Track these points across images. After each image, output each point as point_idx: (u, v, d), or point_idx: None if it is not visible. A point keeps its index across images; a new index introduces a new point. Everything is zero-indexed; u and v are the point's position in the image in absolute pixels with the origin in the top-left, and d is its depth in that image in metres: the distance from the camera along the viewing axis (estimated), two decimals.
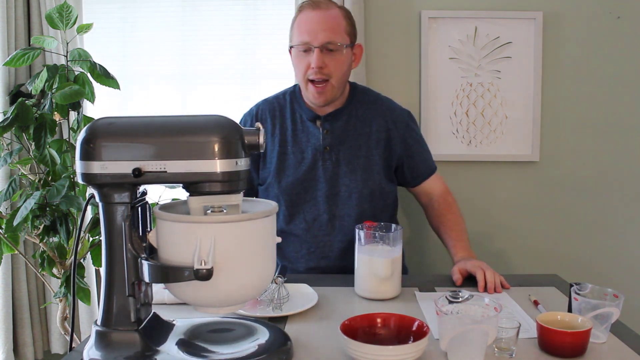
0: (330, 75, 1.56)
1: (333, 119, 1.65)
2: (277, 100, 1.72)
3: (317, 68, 1.54)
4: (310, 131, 1.65)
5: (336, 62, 1.56)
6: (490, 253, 2.25)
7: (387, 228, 1.39)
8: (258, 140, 0.98)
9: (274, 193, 1.66)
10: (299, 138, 1.65)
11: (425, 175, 1.74)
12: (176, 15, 2.24)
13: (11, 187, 1.84)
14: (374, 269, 1.33)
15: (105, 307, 1.00)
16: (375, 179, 1.65)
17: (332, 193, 1.64)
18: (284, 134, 1.67)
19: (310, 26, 1.55)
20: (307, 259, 1.65)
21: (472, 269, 1.44)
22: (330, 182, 1.63)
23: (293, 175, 1.64)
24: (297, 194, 1.64)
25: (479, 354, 0.99)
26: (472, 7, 2.16)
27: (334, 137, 1.64)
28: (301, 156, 1.64)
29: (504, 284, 1.42)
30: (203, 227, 0.92)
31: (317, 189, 1.64)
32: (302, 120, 1.67)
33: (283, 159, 1.65)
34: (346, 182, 1.63)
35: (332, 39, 1.54)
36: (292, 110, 1.69)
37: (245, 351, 1.00)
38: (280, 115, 1.69)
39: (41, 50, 1.85)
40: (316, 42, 1.53)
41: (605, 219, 2.26)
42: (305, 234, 1.65)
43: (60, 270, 1.90)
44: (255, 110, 1.72)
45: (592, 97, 2.21)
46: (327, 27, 1.54)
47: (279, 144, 1.66)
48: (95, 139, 0.94)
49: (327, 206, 1.63)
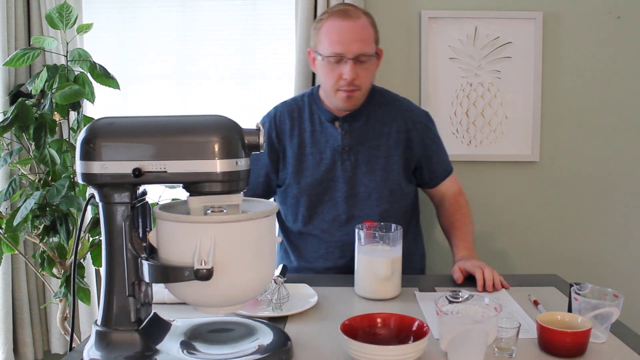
0: (361, 86, 1.56)
1: (352, 120, 1.64)
2: (295, 103, 1.72)
3: (350, 80, 1.53)
4: (329, 132, 1.65)
5: (367, 72, 1.56)
6: (491, 253, 2.25)
7: (387, 228, 1.39)
8: (258, 140, 0.98)
9: (292, 194, 1.66)
10: (318, 139, 1.65)
11: (442, 176, 1.75)
12: (176, 15, 2.24)
13: (11, 187, 1.84)
14: (374, 269, 1.33)
15: (105, 307, 1.00)
16: (394, 179, 1.65)
17: (351, 193, 1.63)
18: (303, 135, 1.66)
19: (342, 37, 1.52)
20: (325, 259, 1.65)
21: (472, 269, 1.44)
22: (349, 182, 1.63)
23: (312, 176, 1.64)
24: (317, 194, 1.64)
25: (479, 354, 0.99)
26: (472, 7, 2.16)
27: (353, 137, 1.64)
28: (320, 157, 1.64)
29: (504, 283, 1.42)
30: (203, 227, 0.92)
31: (336, 189, 1.63)
32: (320, 121, 1.66)
33: (302, 160, 1.65)
34: (365, 182, 1.63)
35: (364, 51, 1.52)
36: (310, 111, 1.68)
37: (245, 351, 1.00)
38: (299, 117, 1.68)
39: (41, 50, 1.85)
40: (350, 54, 1.51)
41: (605, 218, 2.26)
42: (324, 234, 1.64)
43: (60, 270, 1.90)
44: (274, 113, 1.72)
45: (592, 97, 2.21)
46: (360, 38, 1.52)
47: (298, 145, 1.66)
48: (95, 139, 0.94)
49: (346, 206, 1.63)
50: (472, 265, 1.45)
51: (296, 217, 1.67)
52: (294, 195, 1.65)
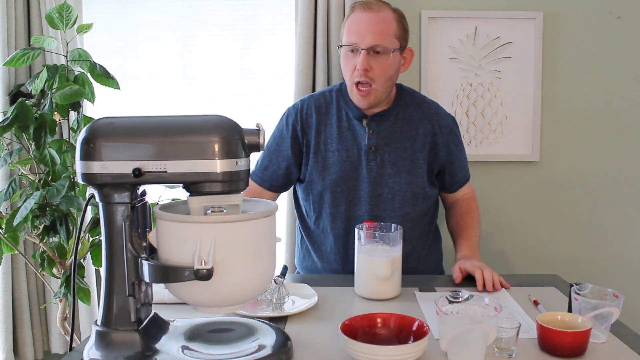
0: (374, 80, 1.53)
1: (380, 120, 1.62)
2: (323, 97, 1.68)
3: (362, 70, 1.51)
4: (356, 130, 1.62)
5: (382, 66, 1.53)
6: (491, 253, 2.25)
7: (387, 228, 1.38)
8: (258, 140, 0.98)
9: (317, 190, 1.64)
10: (345, 136, 1.63)
11: (462, 182, 1.75)
12: (176, 15, 2.24)
13: (11, 187, 1.84)
14: (374, 268, 1.33)
15: (105, 307, 1.00)
16: (419, 182, 1.63)
17: (375, 194, 1.61)
18: (329, 131, 1.64)
19: (359, 27, 1.52)
20: (345, 260, 1.64)
21: (471, 269, 1.44)
22: (374, 182, 1.61)
23: (336, 173, 1.61)
24: (341, 192, 1.62)
25: (479, 354, 0.99)
26: (472, 7, 2.16)
27: (380, 137, 1.62)
28: (346, 154, 1.62)
29: (504, 283, 1.42)
30: (203, 227, 0.92)
31: (360, 189, 1.62)
32: (348, 118, 1.64)
33: (327, 156, 1.63)
34: (390, 183, 1.61)
35: (379, 42, 1.51)
36: (338, 107, 1.65)
37: (245, 351, 1.00)
38: (326, 112, 1.65)
39: (41, 50, 1.85)
40: (363, 44, 1.51)
41: (605, 218, 2.26)
42: (346, 234, 1.63)
43: (60, 270, 1.90)
44: (300, 105, 1.68)
45: (592, 97, 2.21)
46: (376, 29, 1.51)
47: (324, 140, 1.63)
48: (95, 139, 0.94)
49: (369, 207, 1.61)
50: (472, 266, 1.45)
51: (320, 213, 1.65)
52: (318, 191, 1.63)
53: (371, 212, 1.62)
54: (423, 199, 1.65)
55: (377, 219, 1.60)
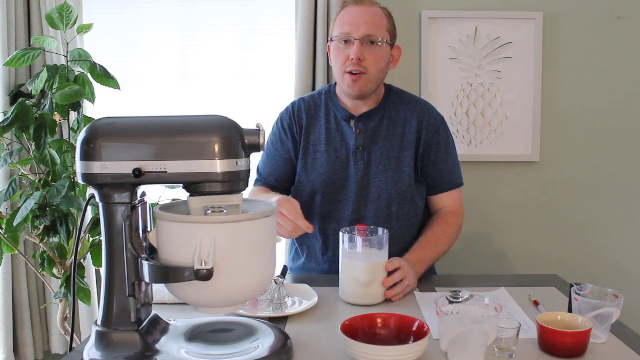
0: (367, 70, 1.54)
1: (367, 119, 1.63)
2: (312, 99, 1.70)
3: (355, 59, 1.52)
4: (344, 130, 1.63)
5: (375, 56, 1.54)
6: (490, 253, 2.25)
7: (375, 231, 1.35)
8: (258, 140, 0.98)
9: (306, 191, 1.64)
10: (333, 137, 1.64)
11: (444, 188, 1.67)
12: (176, 15, 2.24)
13: (11, 187, 1.84)
14: (355, 273, 1.30)
15: (105, 307, 1.00)
16: (405, 180, 1.61)
17: (362, 193, 1.61)
18: (318, 132, 1.65)
19: (352, 18, 1.54)
20: (332, 261, 1.63)
21: (390, 268, 1.34)
22: (361, 182, 1.61)
23: (325, 174, 1.62)
24: (330, 193, 1.62)
25: (479, 354, 0.99)
26: (472, 7, 2.16)
27: (367, 137, 1.62)
28: (334, 155, 1.62)
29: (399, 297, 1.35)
30: (203, 227, 0.92)
31: (348, 189, 1.62)
32: (336, 119, 1.65)
33: (316, 157, 1.64)
34: (376, 182, 1.61)
35: (373, 32, 1.53)
36: (326, 108, 1.67)
37: (245, 351, 1.00)
38: (315, 114, 1.67)
39: (41, 50, 1.85)
40: (357, 33, 1.52)
41: (605, 218, 2.26)
42: (335, 234, 1.60)
43: (60, 270, 1.90)
44: (292, 108, 1.70)
45: (592, 97, 2.21)
46: (369, 20, 1.54)
47: (312, 142, 1.65)
48: (95, 139, 0.94)
49: (355, 206, 1.61)
50: (402, 271, 1.35)
51: (309, 214, 1.64)
52: (308, 192, 1.64)
53: (358, 211, 1.61)
54: (410, 198, 1.63)
55: (363, 219, 1.60)
